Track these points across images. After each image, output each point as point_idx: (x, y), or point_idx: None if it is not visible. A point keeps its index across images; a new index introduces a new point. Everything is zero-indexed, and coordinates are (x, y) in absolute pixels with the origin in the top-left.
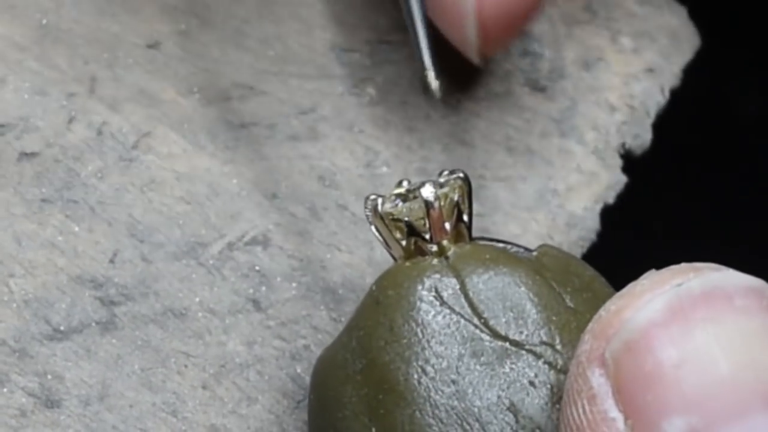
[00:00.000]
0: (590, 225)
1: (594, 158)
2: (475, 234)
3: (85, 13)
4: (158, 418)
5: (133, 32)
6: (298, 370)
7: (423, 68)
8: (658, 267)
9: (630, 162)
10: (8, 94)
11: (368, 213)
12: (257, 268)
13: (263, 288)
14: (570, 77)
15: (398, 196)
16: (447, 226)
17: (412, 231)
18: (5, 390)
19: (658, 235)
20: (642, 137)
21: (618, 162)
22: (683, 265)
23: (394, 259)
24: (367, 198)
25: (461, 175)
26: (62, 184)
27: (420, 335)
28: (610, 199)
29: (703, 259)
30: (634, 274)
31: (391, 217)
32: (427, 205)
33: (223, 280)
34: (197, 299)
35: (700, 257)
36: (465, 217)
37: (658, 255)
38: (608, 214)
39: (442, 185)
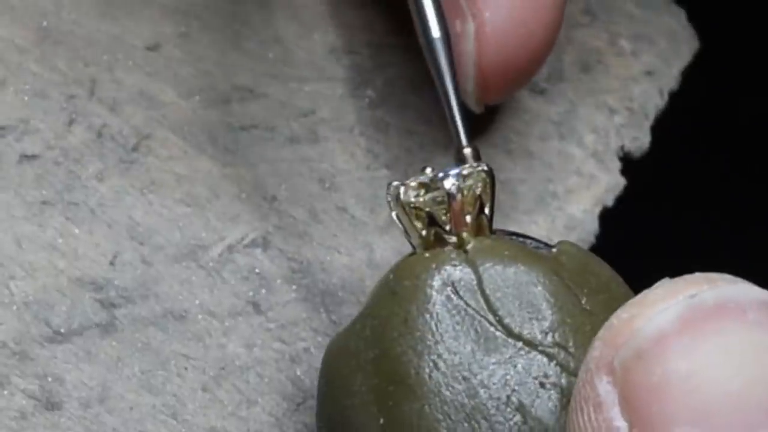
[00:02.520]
0: (589, 227)
1: (593, 161)
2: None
3: (85, 15)
4: (158, 421)
5: (133, 34)
6: (298, 373)
7: (459, 142)
8: (657, 270)
9: (629, 164)
10: (8, 96)
11: (390, 200)
12: (257, 270)
13: (263, 290)
14: (569, 80)
15: (421, 185)
16: (468, 218)
17: (432, 221)
18: (5, 392)
19: (657, 237)
20: (641, 140)
21: (617, 164)
22: (697, 275)
23: (413, 247)
24: (389, 184)
25: (485, 167)
26: (62, 186)
27: (434, 329)
28: (609, 202)
29: (703, 261)
30: (633, 277)
31: (412, 205)
32: (449, 196)
33: (223, 282)
34: (197, 302)
35: (699, 260)
36: (486, 210)
37: (657, 257)
38: (607, 217)
39: (465, 177)
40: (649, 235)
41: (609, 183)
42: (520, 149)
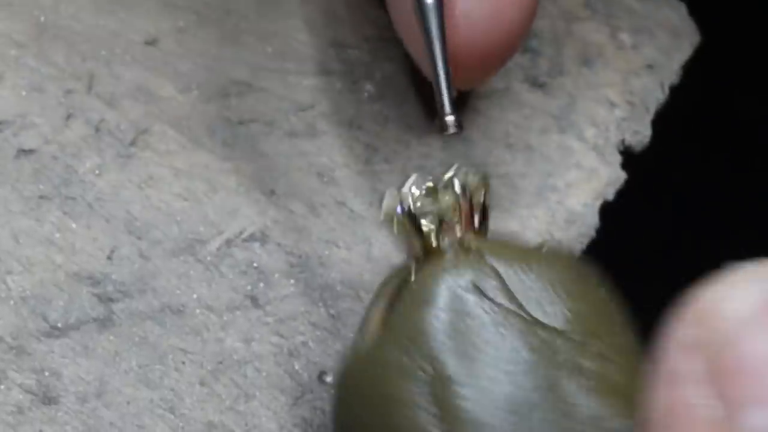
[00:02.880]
0: (590, 221)
1: (593, 154)
2: None
3: (83, 9)
4: (156, 415)
5: (131, 29)
6: (296, 367)
7: (442, 110)
8: (658, 263)
9: (629, 158)
10: (6, 91)
11: (391, 208)
12: (255, 264)
13: (261, 284)
14: (569, 74)
15: (428, 190)
16: (475, 220)
17: (440, 226)
18: (2, 387)
19: (657, 231)
20: (641, 133)
21: (617, 158)
22: None
23: (411, 255)
24: (387, 192)
25: (483, 173)
26: (60, 180)
27: (473, 330)
28: (610, 196)
29: (703, 255)
30: (633, 271)
31: (420, 211)
32: (458, 200)
33: (221, 276)
34: (195, 296)
35: (699, 253)
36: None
37: (658, 251)
38: (607, 211)
39: (465, 177)
40: (650, 229)
41: (609, 177)
42: (521, 143)
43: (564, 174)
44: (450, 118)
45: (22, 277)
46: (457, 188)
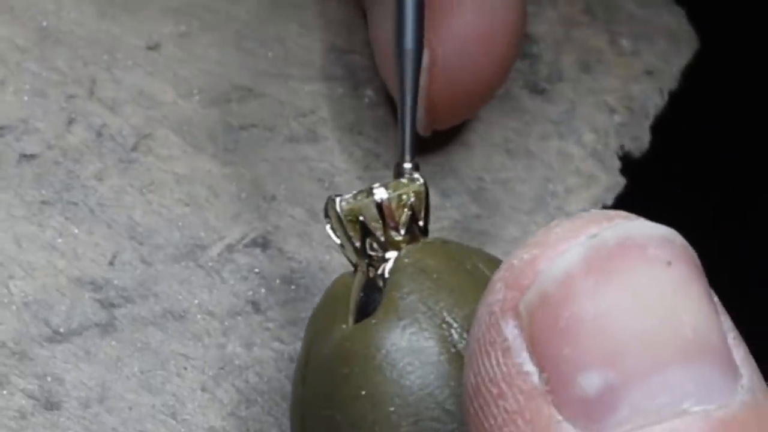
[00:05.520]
0: None
1: (593, 160)
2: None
3: (85, 15)
4: (157, 420)
5: (133, 34)
6: None
7: (402, 156)
8: None
9: (628, 164)
10: (8, 96)
11: (328, 212)
12: (256, 270)
13: (262, 290)
14: (569, 79)
15: (355, 196)
16: (402, 227)
17: (366, 230)
18: (5, 392)
19: None
20: (640, 139)
21: (616, 164)
22: (594, 212)
23: (349, 260)
24: (329, 198)
25: (416, 175)
26: (62, 185)
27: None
28: (609, 201)
29: (701, 261)
30: None
31: (348, 217)
32: (379, 205)
33: (223, 282)
34: (196, 301)
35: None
36: (420, 222)
37: None
38: None
39: (398, 187)
40: None
41: (608, 182)
42: (520, 149)
43: (563, 180)
44: (407, 165)
45: (25, 282)
46: (378, 191)
